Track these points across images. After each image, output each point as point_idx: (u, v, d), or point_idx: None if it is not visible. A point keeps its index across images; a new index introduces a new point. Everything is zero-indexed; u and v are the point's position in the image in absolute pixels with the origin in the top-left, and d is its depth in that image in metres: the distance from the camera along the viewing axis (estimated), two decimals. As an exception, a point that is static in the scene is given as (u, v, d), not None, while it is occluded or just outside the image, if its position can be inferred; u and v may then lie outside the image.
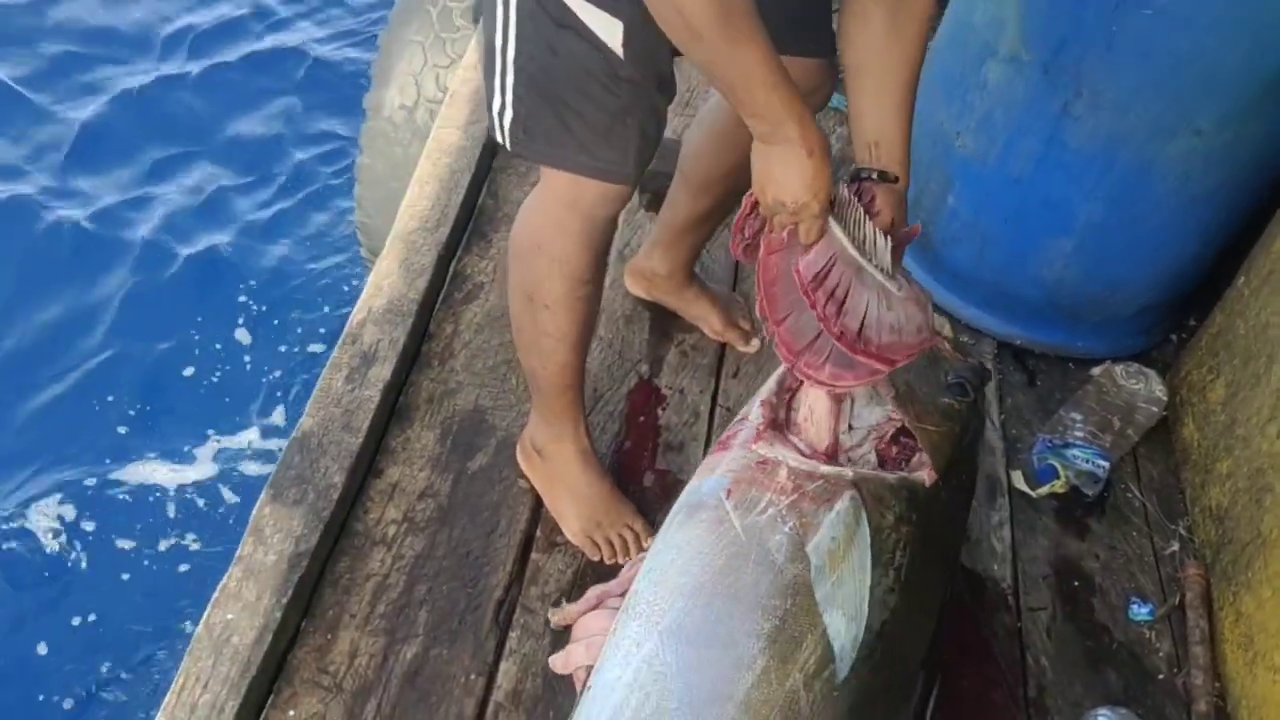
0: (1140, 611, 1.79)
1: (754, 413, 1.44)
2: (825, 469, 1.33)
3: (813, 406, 1.45)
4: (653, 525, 1.66)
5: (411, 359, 1.93)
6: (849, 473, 1.33)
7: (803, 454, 1.36)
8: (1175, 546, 1.89)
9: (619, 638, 1.25)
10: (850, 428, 1.52)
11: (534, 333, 1.59)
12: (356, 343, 1.87)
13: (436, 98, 2.66)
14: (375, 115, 2.77)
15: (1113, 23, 1.71)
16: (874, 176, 1.38)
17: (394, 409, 1.85)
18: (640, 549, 1.66)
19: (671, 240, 1.99)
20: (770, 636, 1.21)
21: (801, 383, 1.48)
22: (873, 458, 1.42)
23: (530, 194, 1.54)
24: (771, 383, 1.51)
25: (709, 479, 1.34)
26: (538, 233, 1.51)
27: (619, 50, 1.34)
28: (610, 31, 1.33)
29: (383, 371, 1.83)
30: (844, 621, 1.23)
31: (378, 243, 2.70)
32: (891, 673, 1.29)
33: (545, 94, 1.39)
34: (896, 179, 1.38)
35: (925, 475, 1.38)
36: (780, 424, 1.43)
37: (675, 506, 1.35)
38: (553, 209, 1.48)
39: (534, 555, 1.70)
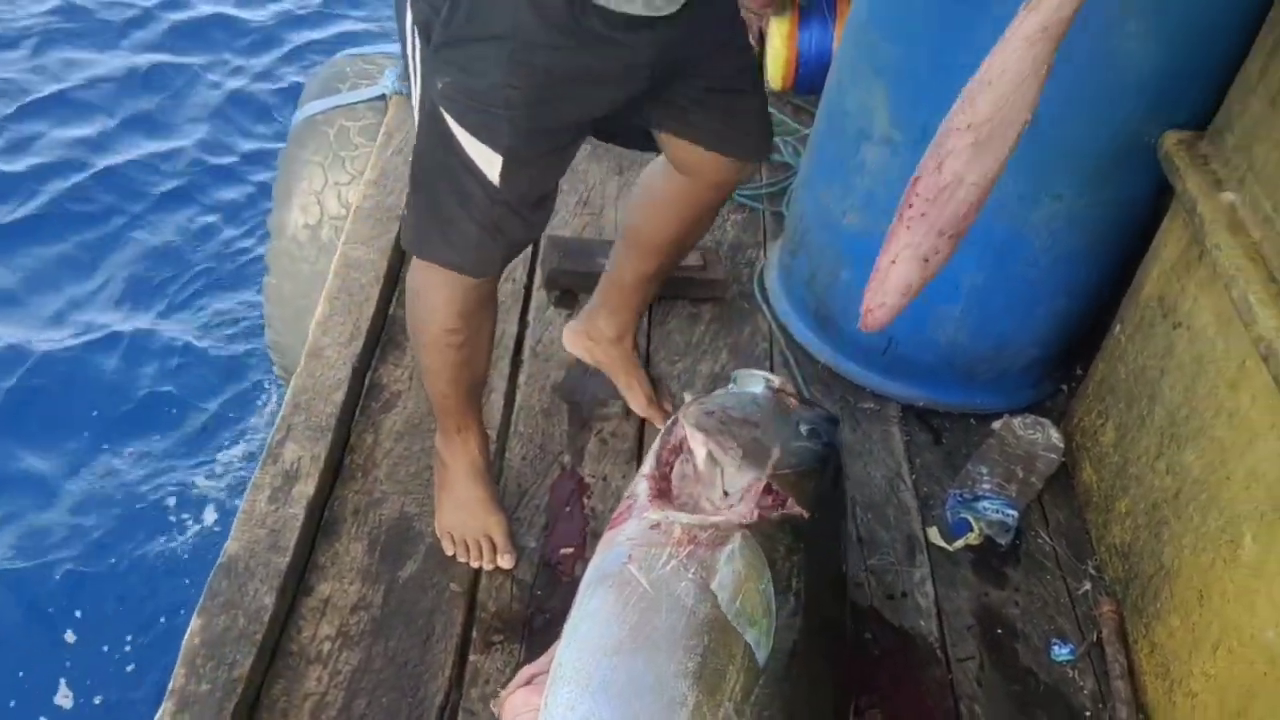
0: (1062, 652, 1.87)
1: (640, 487, 1.55)
2: (715, 519, 1.43)
3: (695, 465, 1.58)
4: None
5: (334, 473, 1.94)
6: (736, 518, 1.44)
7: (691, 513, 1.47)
8: (1087, 586, 1.98)
9: (551, 707, 1.30)
10: (726, 493, 1.62)
11: (419, 365, 1.78)
12: (278, 462, 1.87)
13: (340, 214, 2.71)
14: (279, 236, 2.80)
15: (972, 102, 1.85)
16: None
17: (320, 524, 1.86)
18: (494, 561, 1.82)
19: (618, 303, 2.07)
20: (696, 673, 1.29)
21: (678, 455, 1.61)
22: (753, 510, 1.50)
23: None
24: (651, 459, 1.62)
25: (609, 552, 1.44)
26: (416, 285, 1.67)
27: (496, 181, 1.46)
28: (489, 163, 1.45)
29: (306, 488, 1.84)
30: (761, 638, 1.35)
31: (289, 360, 2.71)
32: (812, 687, 1.39)
33: (430, 199, 1.54)
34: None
35: (802, 512, 1.49)
36: (666, 493, 1.54)
37: (582, 584, 1.44)
38: (424, 269, 1.62)
39: (472, 657, 1.71)
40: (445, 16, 1.37)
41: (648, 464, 1.60)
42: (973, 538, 2.00)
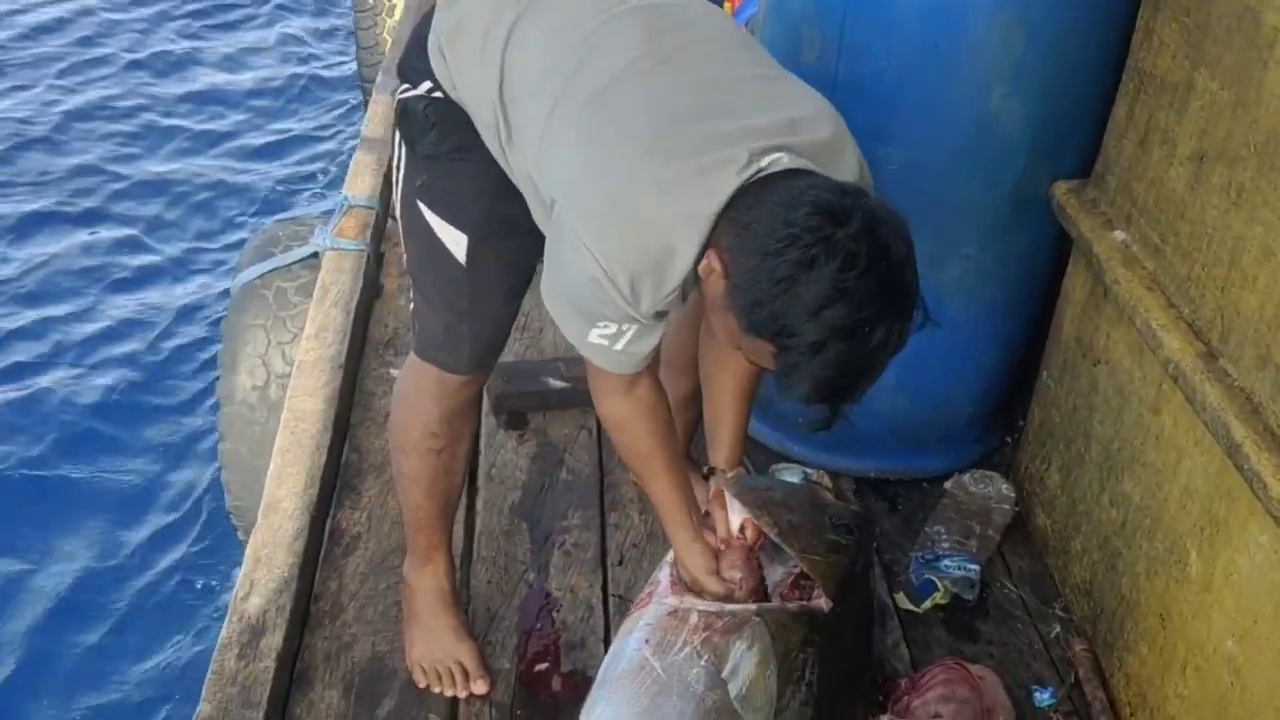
0: (1043, 697, 1.88)
1: (663, 574, 1.59)
2: (731, 606, 1.46)
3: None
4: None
5: (302, 622, 1.94)
6: (753, 606, 1.47)
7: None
8: (1057, 628, 2.01)
9: None
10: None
11: (397, 474, 1.84)
12: (243, 618, 1.87)
13: (285, 372, 2.75)
14: (229, 401, 2.83)
15: (867, 180, 1.95)
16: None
17: (292, 675, 1.85)
18: (467, 686, 1.82)
19: None
20: None
21: None
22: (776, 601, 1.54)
23: None
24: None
25: (629, 637, 1.47)
26: (403, 388, 1.78)
27: (463, 259, 1.57)
28: (457, 243, 1.57)
29: (274, 640, 1.84)
30: None
31: (251, 522, 2.71)
32: None
33: (419, 297, 1.70)
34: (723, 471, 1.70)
35: (823, 603, 1.50)
36: (687, 582, 1.57)
37: (603, 667, 1.47)
38: (413, 370, 1.74)
39: (458, 787, 1.70)
40: (435, 138, 1.53)
41: (671, 552, 1.63)
42: (939, 597, 2.02)
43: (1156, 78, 1.75)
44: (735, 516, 1.61)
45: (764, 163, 1.27)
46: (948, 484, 2.26)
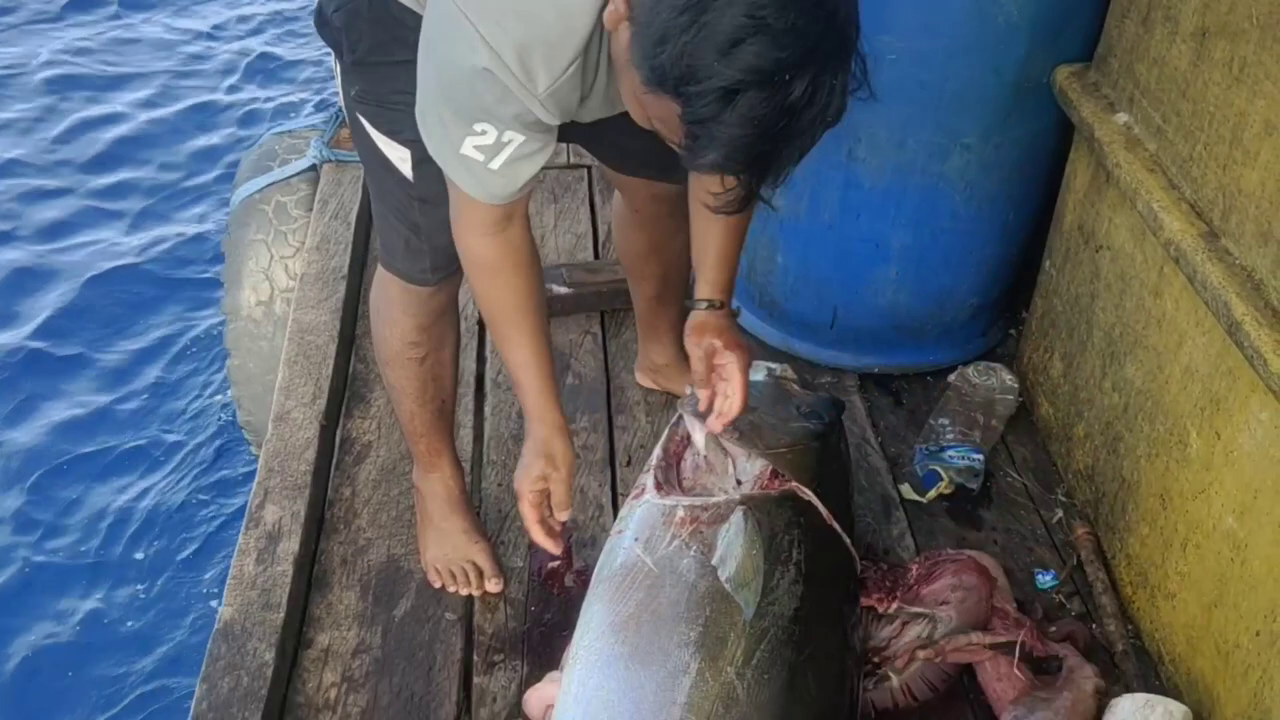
0: (1045, 580, 1.92)
1: (647, 479, 1.61)
2: (715, 499, 1.48)
3: (709, 460, 1.64)
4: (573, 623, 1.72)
5: (317, 528, 1.98)
6: (737, 495, 1.51)
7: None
8: (1060, 514, 2.04)
9: (567, 685, 1.38)
10: (739, 482, 1.68)
11: (387, 386, 1.86)
12: (259, 524, 1.91)
13: (289, 286, 2.76)
14: (235, 317, 2.85)
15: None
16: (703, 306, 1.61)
17: (310, 579, 1.89)
18: (481, 585, 1.86)
19: (648, 332, 2.17)
20: (698, 642, 1.36)
21: (686, 445, 1.67)
22: (752, 489, 1.56)
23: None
24: (657, 451, 1.67)
25: (619, 537, 1.51)
26: (376, 301, 1.78)
27: (409, 174, 1.54)
28: (401, 159, 1.53)
29: (291, 545, 1.88)
30: (749, 598, 1.42)
31: (264, 436, 2.75)
32: (815, 649, 1.46)
33: (376, 208, 1.68)
34: (722, 305, 1.62)
35: (800, 487, 1.53)
36: (671, 482, 1.59)
37: (597, 567, 1.51)
38: (383, 282, 1.74)
39: (476, 680, 1.74)
40: (349, 44, 1.47)
41: (654, 456, 1.66)
42: (944, 487, 2.05)
43: (1160, -47, 1.71)
44: (696, 433, 1.64)
45: None
46: (951, 377, 2.28)
